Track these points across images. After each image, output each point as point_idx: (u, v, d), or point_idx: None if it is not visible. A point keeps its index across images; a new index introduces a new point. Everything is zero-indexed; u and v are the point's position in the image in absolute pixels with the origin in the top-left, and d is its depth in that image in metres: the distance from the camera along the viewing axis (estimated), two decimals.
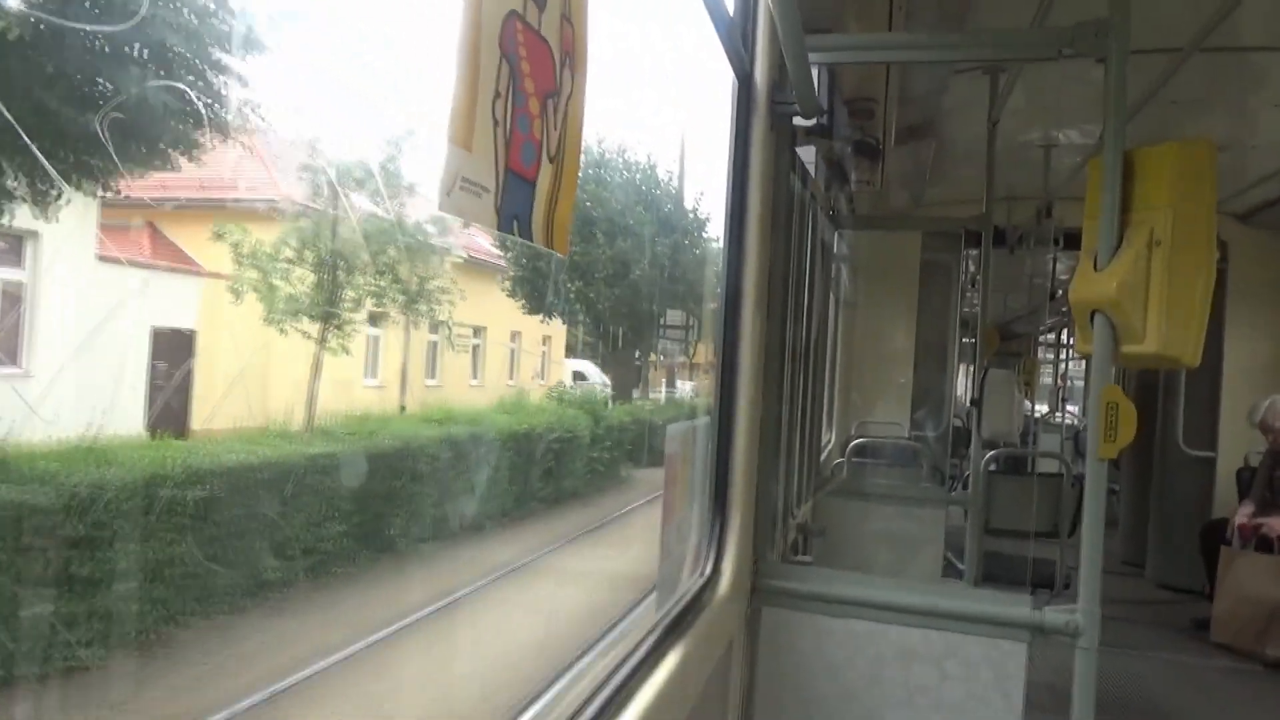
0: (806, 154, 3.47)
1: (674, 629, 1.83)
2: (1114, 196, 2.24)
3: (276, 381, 10.49)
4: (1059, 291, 9.05)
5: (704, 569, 2.21)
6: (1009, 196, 6.58)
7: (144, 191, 8.19)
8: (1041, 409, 14.30)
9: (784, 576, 2.50)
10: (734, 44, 2.24)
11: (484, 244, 15.48)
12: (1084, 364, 11.68)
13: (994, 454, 6.12)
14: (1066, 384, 14.65)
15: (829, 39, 2.68)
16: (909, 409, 7.79)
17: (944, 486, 6.81)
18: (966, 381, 11.39)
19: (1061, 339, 12.91)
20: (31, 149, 4.89)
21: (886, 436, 7.14)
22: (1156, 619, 6.29)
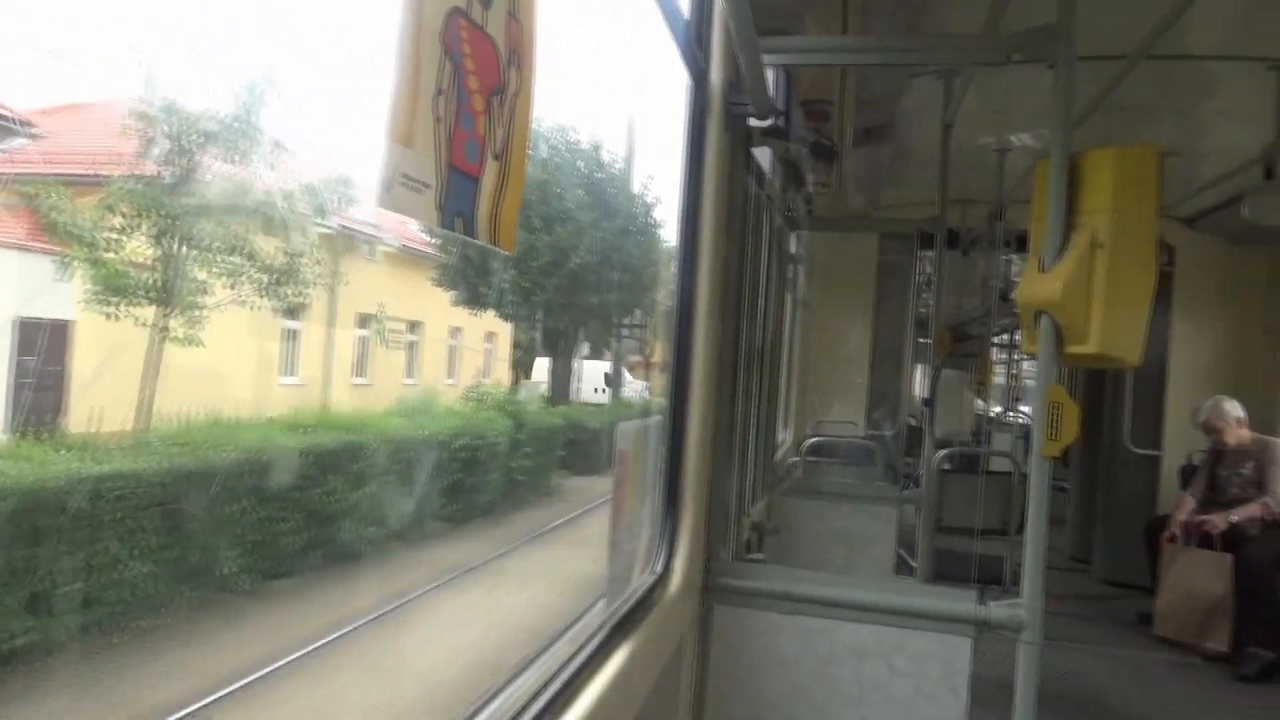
0: (763, 156, 3.49)
1: (622, 627, 1.83)
2: (1059, 200, 2.29)
3: (122, 377, 9.00)
4: (1011, 293, 9.20)
5: (655, 567, 2.22)
6: (963, 199, 6.68)
7: None
8: (995, 409, 14.53)
9: (736, 574, 2.52)
10: (689, 45, 2.25)
11: (420, 232, 14.22)
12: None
13: (946, 453, 6.21)
14: (1019, 384, 14.89)
15: (784, 41, 2.69)
16: (865, 408, 7.88)
17: (898, 485, 6.89)
18: (923, 381, 11.54)
19: (1014, 340, 13.12)
20: None
21: (842, 435, 7.22)
22: (1102, 614, 6.42)
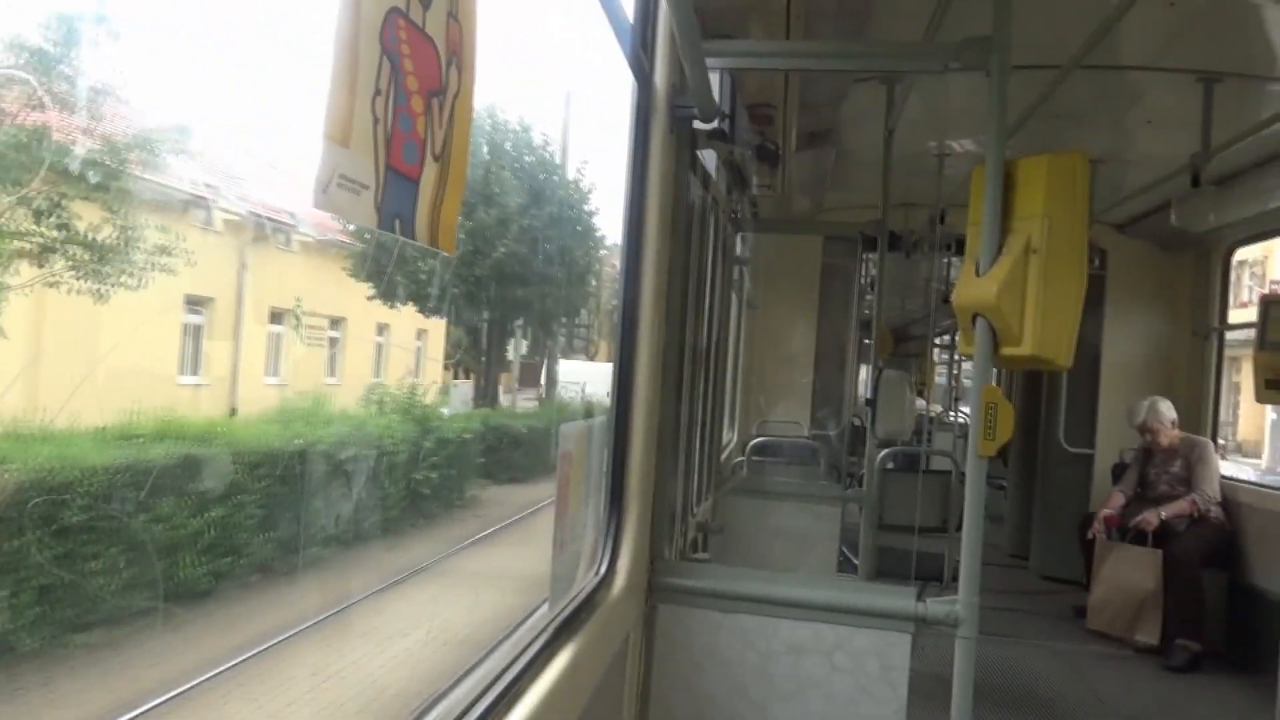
0: (709, 158, 3.52)
1: (566, 627, 1.84)
2: (995, 205, 2.35)
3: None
4: (951, 295, 9.36)
5: (599, 568, 2.22)
6: (905, 203, 6.79)
7: None
8: (936, 409, 14.80)
9: (680, 574, 2.54)
10: (634, 48, 2.26)
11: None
12: None
13: (889, 452, 6.31)
14: (959, 384, 15.19)
15: (729, 45, 2.72)
16: (809, 408, 7.97)
17: (841, 484, 6.99)
18: (867, 381, 11.70)
19: (955, 340, 13.35)
20: None
21: (787, 435, 7.30)
22: (1038, 608, 6.58)
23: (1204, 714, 4.88)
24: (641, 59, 2.33)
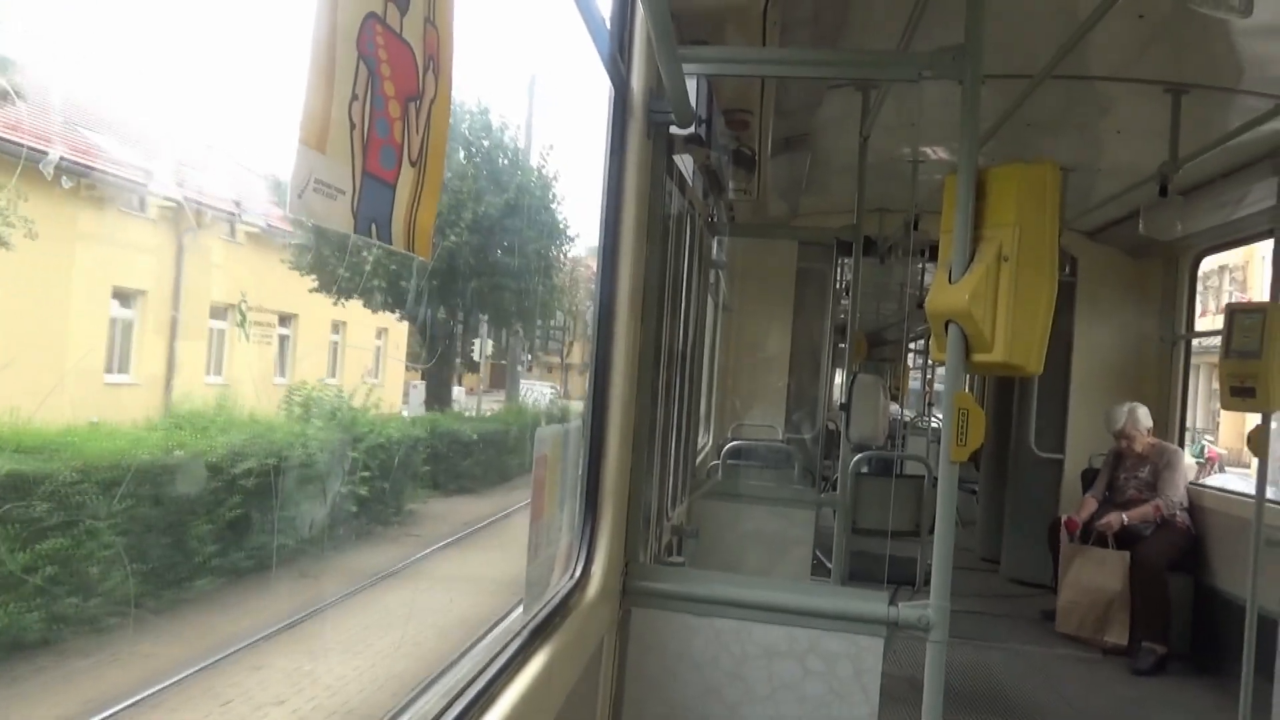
0: (685, 163, 3.54)
1: (541, 631, 1.84)
2: (966, 213, 2.37)
3: None
4: (925, 301, 9.42)
5: (574, 571, 2.22)
6: (880, 209, 6.84)
7: None
8: (910, 413, 14.92)
9: (654, 578, 2.54)
10: (611, 52, 2.27)
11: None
12: None
13: (862, 456, 6.36)
14: (933, 389, 15.32)
15: (704, 50, 2.73)
16: (784, 413, 8.01)
17: (815, 488, 7.03)
18: (842, 386, 11.75)
19: (929, 346, 13.48)
20: None
21: (761, 439, 7.32)
22: (1008, 612, 6.65)
23: (1170, 716, 4.95)
24: (618, 63, 2.34)
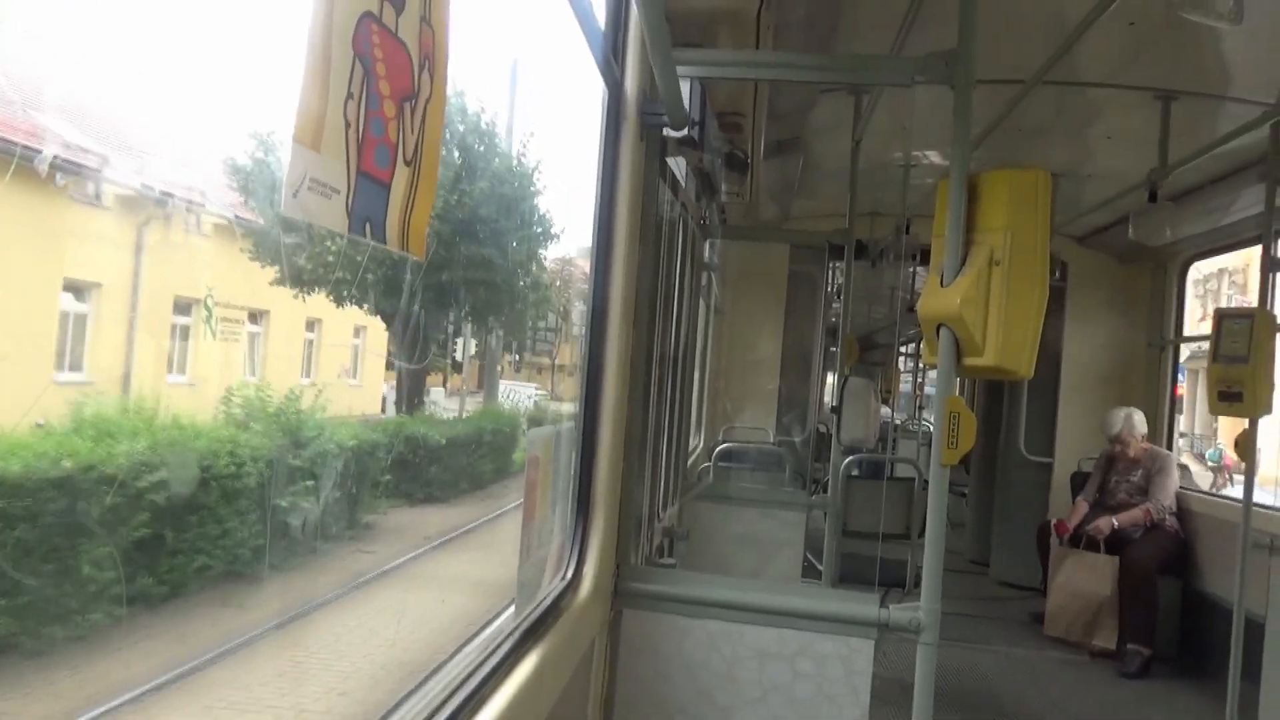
0: (678, 165, 3.54)
1: (533, 632, 1.84)
2: (958, 217, 2.38)
3: None
4: (916, 305, 9.45)
5: (566, 573, 2.22)
6: (872, 212, 6.86)
7: None
8: (901, 416, 14.95)
9: (645, 579, 2.54)
10: (605, 54, 2.27)
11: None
12: None
13: (853, 459, 6.37)
14: (923, 392, 15.36)
15: (698, 53, 2.74)
16: (775, 415, 8.02)
17: (806, 490, 7.04)
18: (833, 389, 11.77)
19: (920, 350, 13.51)
20: None
21: (753, 442, 7.33)
22: (997, 615, 6.66)
23: (1157, 719, 4.97)
24: (613, 66, 2.34)
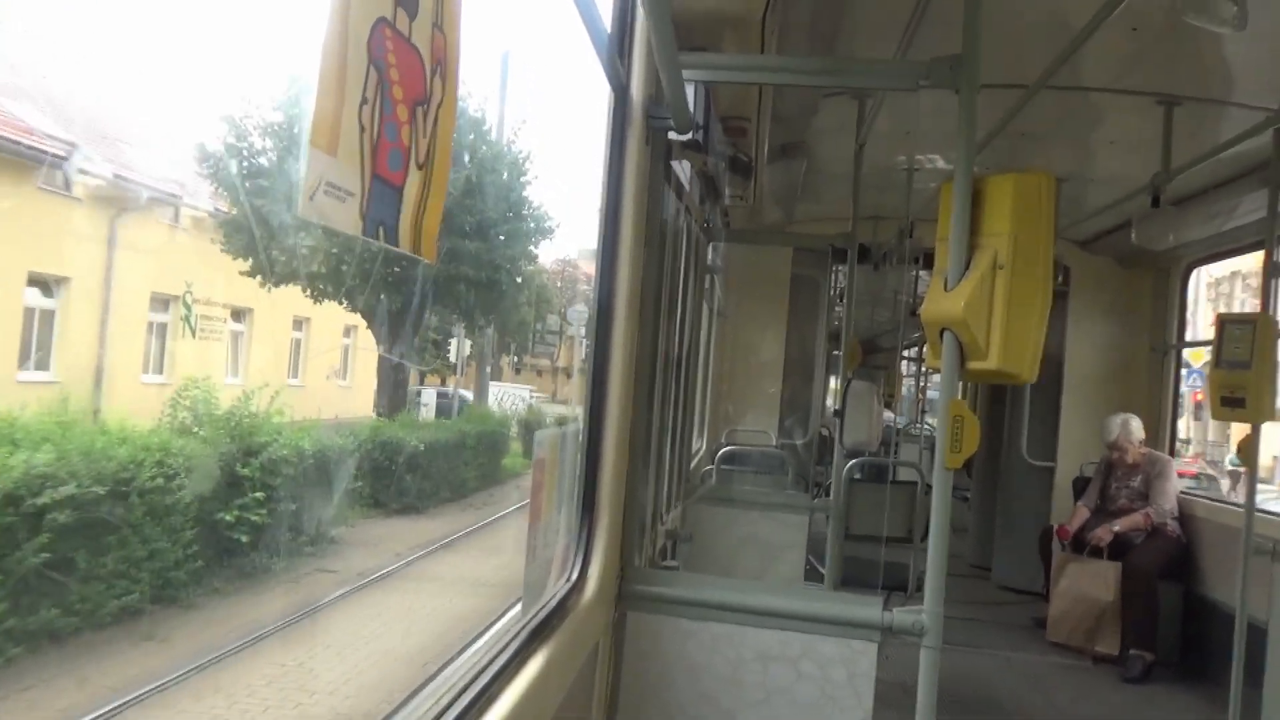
0: (683, 169, 3.55)
1: (539, 633, 1.84)
2: (963, 221, 2.39)
3: None
4: (919, 308, 9.45)
5: (571, 574, 2.23)
6: (875, 216, 6.86)
7: None
8: (903, 420, 14.95)
9: (649, 581, 2.55)
10: (611, 57, 2.28)
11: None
12: None
13: (855, 462, 6.37)
14: (926, 396, 15.36)
15: (703, 57, 2.75)
16: (778, 418, 8.02)
17: (809, 493, 7.04)
18: (835, 392, 11.77)
19: (922, 353, 13.51)
20: None
21: (755, 445, 7.34)
22: (999, 619, 6.66)
23: None
24: (619, 70, 2.35)
